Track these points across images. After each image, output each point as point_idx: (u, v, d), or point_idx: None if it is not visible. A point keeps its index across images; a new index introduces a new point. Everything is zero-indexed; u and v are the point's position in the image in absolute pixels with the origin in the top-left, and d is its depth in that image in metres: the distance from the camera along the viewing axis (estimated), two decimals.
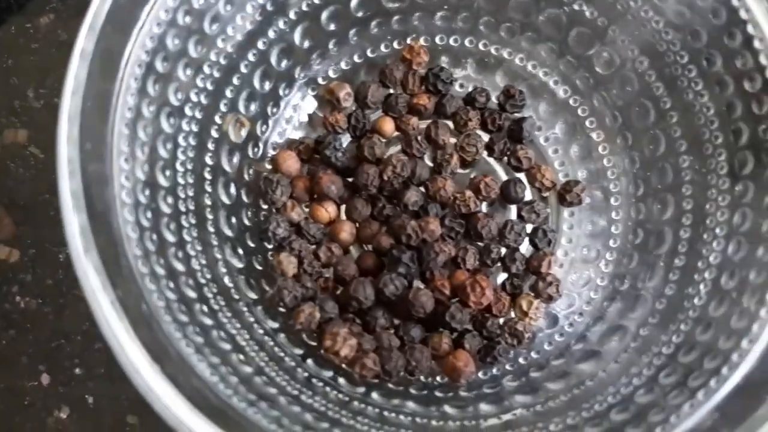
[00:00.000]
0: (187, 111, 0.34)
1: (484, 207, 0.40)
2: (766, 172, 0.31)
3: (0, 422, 0.40)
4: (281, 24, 0.38)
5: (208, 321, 0.31)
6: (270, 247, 0.38)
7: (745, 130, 0.33)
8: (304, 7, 0.38)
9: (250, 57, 0.37)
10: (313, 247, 0.38)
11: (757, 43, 0.32)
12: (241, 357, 0.31)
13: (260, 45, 0.37)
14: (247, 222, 0.38)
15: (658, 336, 0.33)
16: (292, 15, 0.38)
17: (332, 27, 0.40)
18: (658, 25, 0.36)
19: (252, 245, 0.38)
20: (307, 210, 0.39)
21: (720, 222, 0.33)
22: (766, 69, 0.32)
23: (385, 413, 0.33)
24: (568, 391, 0.33)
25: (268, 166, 0.40)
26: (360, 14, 0.40)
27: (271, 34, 0.38)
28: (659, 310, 0.34)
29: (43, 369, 0.40)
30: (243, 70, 0.37)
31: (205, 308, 0.31)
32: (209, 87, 0.35)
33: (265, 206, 0.39)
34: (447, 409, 0.34)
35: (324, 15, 0.39)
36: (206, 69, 0.35)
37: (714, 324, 0.31)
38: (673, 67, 0.36)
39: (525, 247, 0.40)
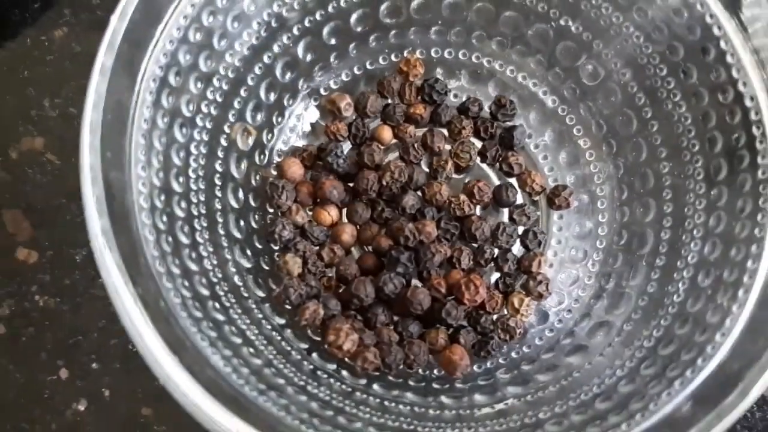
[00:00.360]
0: (198, 121, 0.37)
1: (478, 210, 0.43)
2: (738, 178, 0.34)
3: (21, 414, 0.42)
4: (285, 39, 0.40)
5: (220, 317, 0.33)
6: (276, 248, 0.40)
7: (720, 138, 0.35)
8: (306, 23, 0.40)
9: (256, 70, 0.39)
10: (317, 248, 0.40)
11: (729, 58, 0.34)
12: (251, 350, 0.33)
13: (266, 59, 0.40)
14: (254, 225, 0.40)
15: (640, 330, 0.35)
16: (295, 30, 0.40)
17: (333, 41, 0.42)
18: (639, 39, 0.38)
19: (259, 246, 0.40)
20: (310, 213, 0.42)
21: (697, 224, 0.35)
22: (738, 82, 0.34)
23: (386, 403, 0.35)
24: (556, 382, 0.35)
25: (274, 172, 0.42)
26: (359, 29, 0.42)
27: (275, 48, 0.40)
28: (641, 307, 0.36)
29: (61, 364, 0.42)
30: (250, 82, 0.39)
31: (217, 305, 0.33)
32: (218, 99, 0.38)
33: (271, 210, 0.41)
34: (444, 399, 0.36)
35: (325, 30, 0.41)
36: (215, 82, 0.37)
37: (691, 319, 0.33)
38: (653, 79, 0.38)
39: (517, 248, 0.42)
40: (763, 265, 0.31)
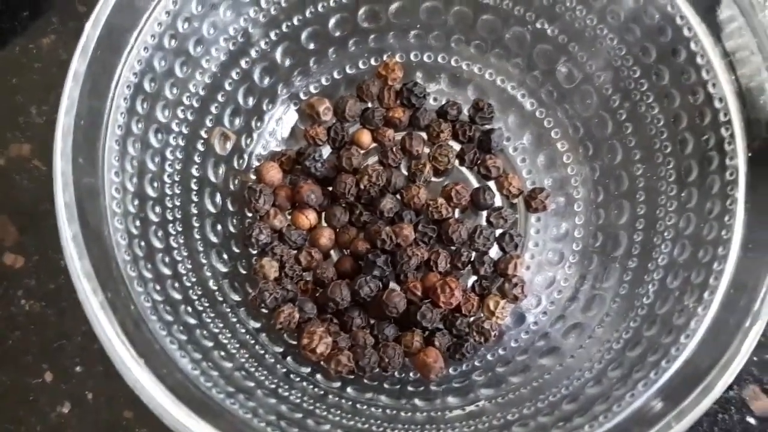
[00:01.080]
0: (174, 127, 0.37)
1: (456, 213, 0.43)
2: (707, 180, 0.34)
3: (7, 416, 0.42)
4: (263, 44, 0.40)
5: (192, 320, 0.34)
6: (254, 252, 0.41)
7: (690, 139, 0.35)
8: (284, 28, 0.41)
9: (234, 75, 0.40)
10: (295, 252, 0.41)
11: (699, 59, 0.34)
12: (223, 354, 0.33)
13: (243, 64, 0.40)
14: (232, 229, 0.40)
15: (611, 332, 0.35)
16: (273, 35, 0.40)
17: (312, 46, 0.42)
18: (613, 41, 0.38)
19: (237, 251, 0.40)
20: (289, 217, 0.42)
21: (668, 226, 0.35)
22: (708, 83, 0.34)
23: (359, 406, 0.35)
24: (528, 384, 0.35)
25: (253, 177, 0.42)
26: (338, 34, 0.42)
27: (253, 53, 0.40)
28: (614, 309, 0.36)
29: (46, 367, 0.43)
30: (227, 87, 0.40)
31: (189, 309, 0.34)
32: (195, 104, 0.38)
33: (249, 214, 0.41)
34: (417, 401, 0.36)
35: (304, 35, 0.41)
36: (192, 87, 0.38)
37: (658, 321, 0.33)
38: (627, 81, 0.38)
39: (494, 251, 0.42)
40: (728, 267, 0.31)
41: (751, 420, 0.41)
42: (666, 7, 0.35)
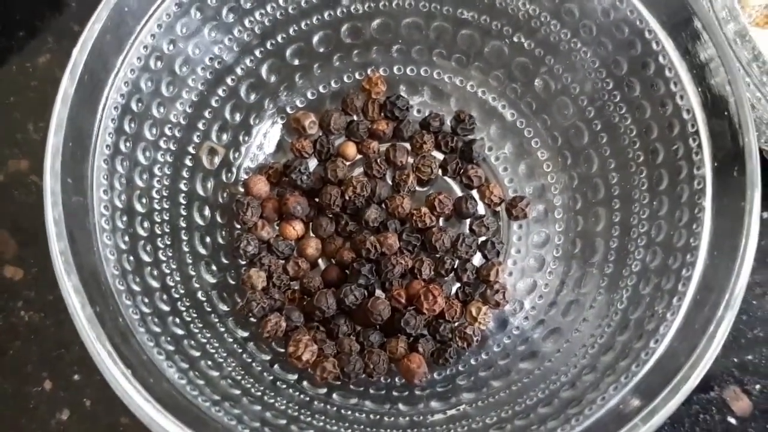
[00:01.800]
0: (162, 144, 0.38)
1: (441, 222, 0.44)
2: (677, 189, 0.35)
3: (9, 423, 0.44)
4: (248, 62, 0.42)
5: (180, 331, 0.35)
6: (243, 263, 0.42)
7: (661, 150, 0.36)
8: (269, 46, 0.42)
9: (221, 92, 0.41)
10: (282, 262, 0.42)
11: (667, 72, 0.35)
12: (210, 363, 0.35)
13: (229, 81, 0.41)
14: (221, 241, 0.42)
15: (587, 337, 0.36)
16: (258, 53, 0.42)
17: (297, 62, 0.43)
18: (587, 55, 0.39)
19: (226, 262, 0.41)
20: (277, 228, 0.43)
21: (641, 233, 0.37)
22: (676, 95, 0.35)
23: (343, 411, 0.36)
24: (507, 388, 0.37)
25: (242, 189, 0.43)
26: (322, 50, 0.43)
27: (239, 71, 0.42)
28: (590, 314, 0.37)
29: (45, 376, 0.44)
30: (214, 104, 0.41)
31: (177, 320, 0.35)
32: (182, 121, 0.39)
33: (238, 226, 0.42)
34: (401, 406, 0.37)
35: (288, 52, 0.43)
36: (179, 106, 0.39)
37: (631, 326, 0.34)
38: (601, 92, 0.39)
39: (478, 258, 0.43)
40: (695, 273, 0.32)
41: (732, 420, 0.42)
42: (635, 22, 0.36)
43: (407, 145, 0.45)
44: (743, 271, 0.30)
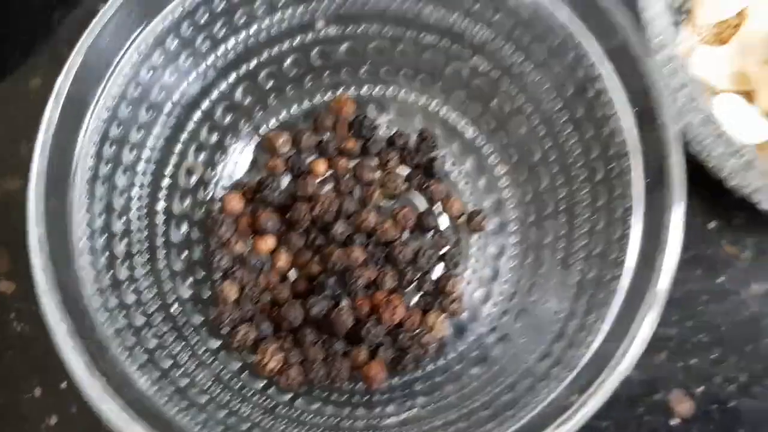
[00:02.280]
0: (140, 167, 0.41)
1: (406, 235, 0.47)
2: (611, 205, 0.37)
3: (3, 429, 0.47)
4: (223, 86, 0.44)
5: (153, 343, 0.38)
6: (217, 277, 0.45)
7: (600, 168, 0.38)
8: (243, 71, 0.45)
9: (197, 116, 0.44)
10: (254, 275, 0.45)
11: (603, 97, 0.38)
12: (180, 372, 0.37)
13: (204, 106, 0.44)
14: (197, 256, 0.44)
15: (530, 345, 0.39)
16: (231, 79, 0.44)
17: (269, 85, 0.46)
18: (537, 77, 0.42)
19: (201, 276, 0.44)
20: (251, 243, 0.46)
21: (581, 247, 0.39)
22: (611, 118, 0.37)
23: (304, 416, 0.39)
24: (457, 392, 0.39)
25: (217, 206, 0.46)
26: (293, 73, 0.46)
27: (214, 95, 0.44)
28: (534, 324, 0.40)
29: (36, 383, 0.47)
30: (190, 126, 0.44)
31: (150, 334, 0.38)
32: (159, 144, 0.42)
33: (213, 241, 0.45)
34: (359, 411, 0.40)
35: (261, 75, 0.45)
36: (156, 130, 0.42)
37: (567, 337, 0.37)
38: (550, 113, 0.42)
39: (440, 269, 0.46)
40: (621, 285, 0.35)
41: (676, 421, 0.44)
42: (578, 47, 0.38)
43: (374, 162, 0.47)
44: (660, 283, 0.33)
